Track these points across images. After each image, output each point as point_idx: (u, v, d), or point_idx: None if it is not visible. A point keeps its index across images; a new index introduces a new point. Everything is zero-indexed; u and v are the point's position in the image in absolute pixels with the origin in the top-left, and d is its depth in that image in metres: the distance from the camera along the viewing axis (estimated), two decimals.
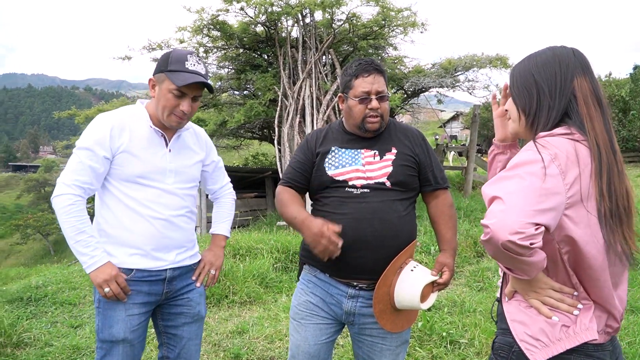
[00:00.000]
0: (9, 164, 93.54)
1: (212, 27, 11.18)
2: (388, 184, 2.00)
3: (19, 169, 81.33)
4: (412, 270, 1.96)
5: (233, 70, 12.97)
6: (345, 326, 2.17)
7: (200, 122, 11.71)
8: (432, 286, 2.00)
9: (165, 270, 2.10)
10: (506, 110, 1.59)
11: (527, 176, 1.27)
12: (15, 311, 4.41)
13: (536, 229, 1.22)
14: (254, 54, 12.40)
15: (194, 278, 2.24)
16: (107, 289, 1.94)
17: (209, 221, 12.15)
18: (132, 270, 2.03)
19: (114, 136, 1.98)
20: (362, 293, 2.03)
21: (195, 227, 12.32)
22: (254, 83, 11.68)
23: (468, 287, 5.41)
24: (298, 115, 10.33)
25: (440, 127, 38.47)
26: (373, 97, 2.01)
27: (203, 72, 2.04)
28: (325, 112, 10.07)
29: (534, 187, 1.25)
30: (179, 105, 2.00)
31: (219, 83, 13.17)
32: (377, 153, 2.06)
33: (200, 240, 7.34)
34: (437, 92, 14.24)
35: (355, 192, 2.00)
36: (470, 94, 13.32)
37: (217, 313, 4.55)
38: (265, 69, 11.85)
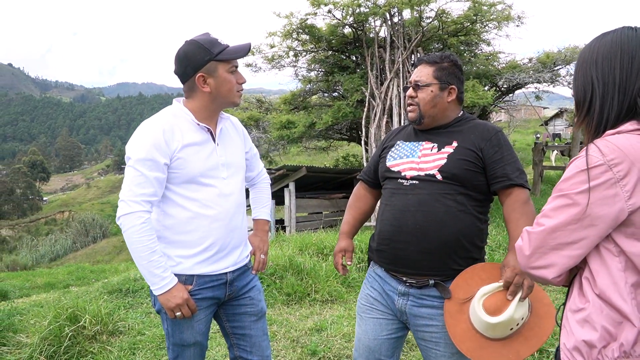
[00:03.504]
0: (122, 166, 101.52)
1: (301, 30, 11.42)
2: (439, 176, 1.92)
3: None
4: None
5: (322, 73, 13.16)
6: None
7: (289, 124, 11.98)
8: (505, 294, 1.82)
9: (226, 273, 2.08)
10: None
11: None
12: (114, 301, 4.78)
13: None
14: (342, 56, 12.50)
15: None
16: (178, 313, 1.93)
17: (298, 221, 12.37)
18: (193, 277, 2.00)
19: (168, 140, 1.92)
20: (412, 291, 1.97)
21: (288, 226, 12.50)
22: (342, 84, 11.77)
23: (562, 294, 5.07)
24: (385, 115, 10.28)
25: (542, 125, 36.34)
26: (410, 85, 2.06)
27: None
28: None
29: None
30: (238, 79, 2.03)
31: (309, 85, 13.42)
32: (436, 146, 2.00)
33: (287, 239, 7.51)
34: (536, 87, 13.47)
35: (405, 184, 1.98)
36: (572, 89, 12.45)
37: (298, 310, 4.63)
38: (353, 70, 11.90)
